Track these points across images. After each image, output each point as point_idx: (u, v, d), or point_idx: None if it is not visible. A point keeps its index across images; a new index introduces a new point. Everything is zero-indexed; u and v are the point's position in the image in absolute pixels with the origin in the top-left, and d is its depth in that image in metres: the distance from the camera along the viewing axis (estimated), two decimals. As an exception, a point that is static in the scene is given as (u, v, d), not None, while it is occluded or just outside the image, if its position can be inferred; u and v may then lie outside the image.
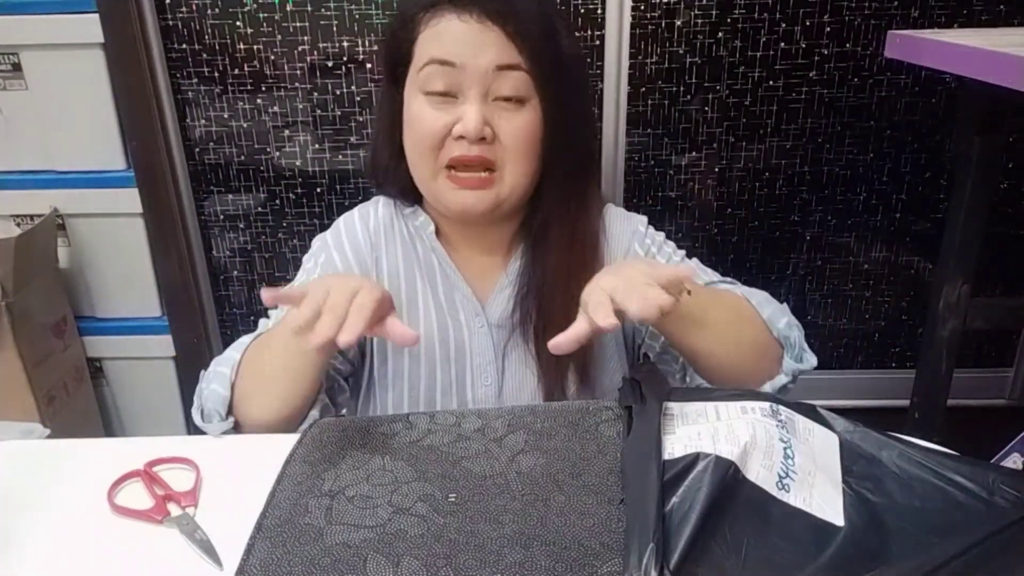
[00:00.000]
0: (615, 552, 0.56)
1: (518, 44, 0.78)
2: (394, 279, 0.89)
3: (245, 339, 0.84)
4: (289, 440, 0.72)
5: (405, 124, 0.83)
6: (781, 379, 0.80)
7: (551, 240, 0.86)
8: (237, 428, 0.79)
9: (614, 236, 0.91)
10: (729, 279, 0.92)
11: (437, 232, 0.90)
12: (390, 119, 0.87)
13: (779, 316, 0.83)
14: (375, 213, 0.92)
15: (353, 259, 0.89)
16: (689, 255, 0.97)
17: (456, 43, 0.78)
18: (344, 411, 0.93)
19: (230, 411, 0.78)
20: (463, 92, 0.79)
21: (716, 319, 0.77)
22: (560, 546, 0.56)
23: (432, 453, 0.67)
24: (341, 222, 0.93)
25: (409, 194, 0.90)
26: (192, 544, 0.63)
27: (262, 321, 0.91)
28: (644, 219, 0.95)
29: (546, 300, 0.85)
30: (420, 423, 0.71)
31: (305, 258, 0.94)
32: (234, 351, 0.82)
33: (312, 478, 0.65)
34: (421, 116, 0.80)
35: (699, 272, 0.91)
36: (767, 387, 0.80)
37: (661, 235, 0.95)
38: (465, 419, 0.72)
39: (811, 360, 0.82)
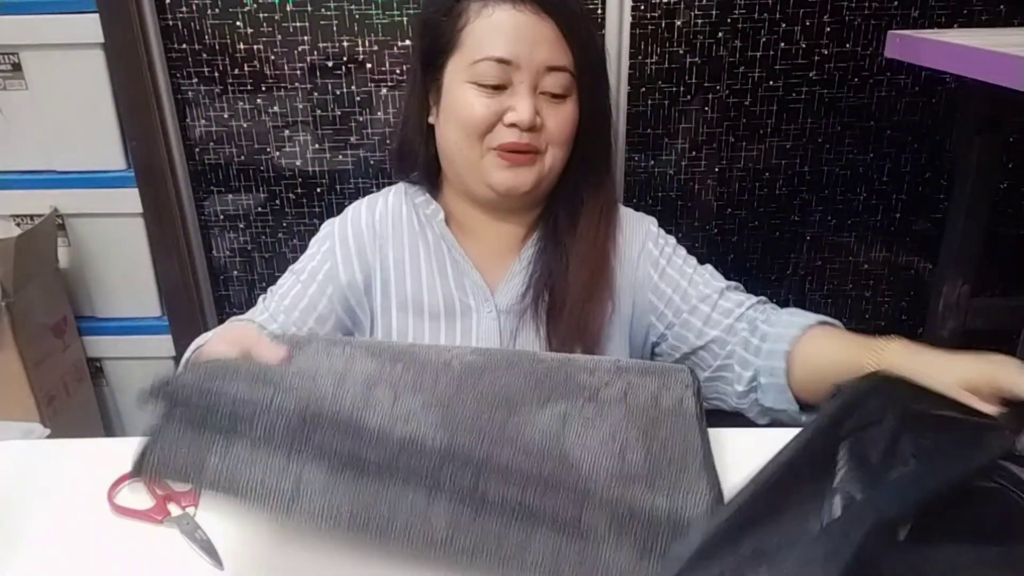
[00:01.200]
0: (533, 407, 0.63)
1: (568, 42, 0.82)
2: (400, 266, 0.91)
3: (198, 340, 0.83)
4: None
5: (446, 109, 0.85)
6: None
7: (568, 229, 0.89)
8: None
9: (627, 235, 0.93)
10: (747, 294, 0.92)
11: (448, 221, 0.91)
12: (420, 101, 0.89)
13: None
14: (384, 202, 0.94)
15: (354, 247, 0.91)
16: (690, 255, 0.98)
17: (513, 40, 0.80)
18: None
19: None
20: (513, 84, 0.82)
21: None
22: (488, 397, 0.63)
23: (386, 348, 0.69)
24: (350, 210, 0.95)
25: (431, 178, 0.92)
26: (192, 544, 0.63)
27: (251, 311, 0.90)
28: (654, 220, 0.97)
29: (559, 287, 0.87)
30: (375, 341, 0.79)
31: (313, 240, 0.96)
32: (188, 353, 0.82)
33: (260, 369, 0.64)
34: (472, 105, 0.82)
35: (711, 278, 0.92)
36: None
37: (672, 239, 0.96)
38: (419, 345, 0.75)
39: None
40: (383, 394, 0.61)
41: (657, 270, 0.92)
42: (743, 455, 0.68)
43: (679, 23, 1.47)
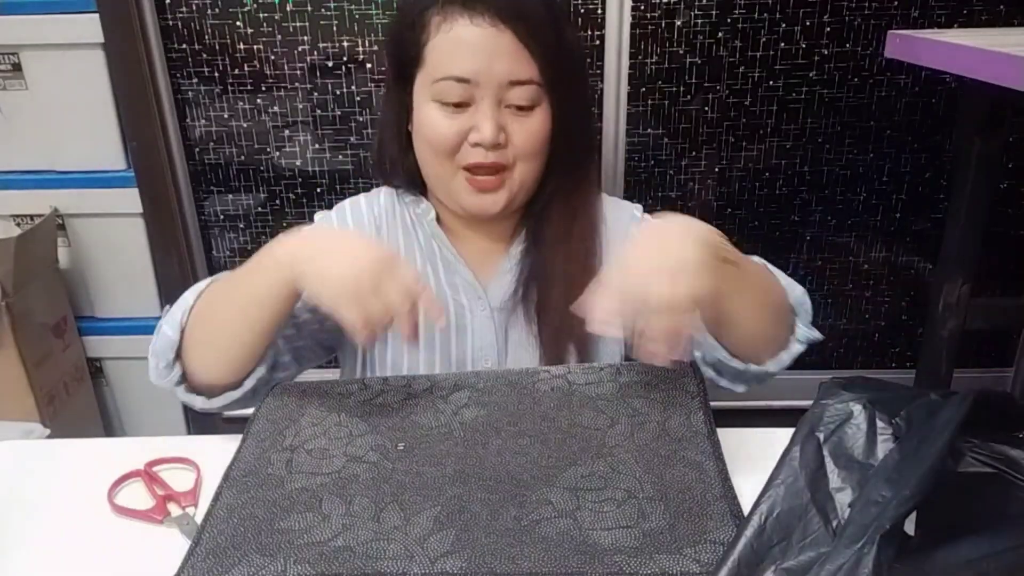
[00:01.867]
0: (542, 483, 0.63)
1: (531, 50, 0.79)
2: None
3: (202, 284, 0.81)
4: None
5: (416, 126, 0.85)
6: (796, 347, 0.79)
7: (553, 225, 0.88)
8: (185, 384, 0.77)
9: (612, 223, 0.93)
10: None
11: (439, 219, 0.91)
12: (396, 114, 0.88)
13: (792, 284, 0.83)
14: (378, 200, 0.94)
15: None
16: None
17: (471, 56, 0.78)
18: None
19: (178, 357, 0.76)
20: (476, 101, 0.80)
21: (748, 285, 0.75)
22: (495, 480, 0.63)
23: (384, 410, 0.73)
24: (347, 204, 0.94)
25: (416, 184, 0.91)
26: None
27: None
28: (639, 206, 0.97)
29: (548, 282, 0.87)
30: (374, 385, 0.77)
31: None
32: (190, 293, 0.79)
33: (274, 435, 0.71)
34: (436, 125, 0.81)
35: None
36: (784, 356, 0.79)
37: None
38: (415, 381, 0.77)
39: (819, 333, 0.82)
40: (393, 516, 0.60)
41: None
42: (747, 456, 0.68)
43: (679, 23, 1.47)
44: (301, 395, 0.76)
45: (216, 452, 0.74)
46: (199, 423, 1.74)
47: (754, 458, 0.66)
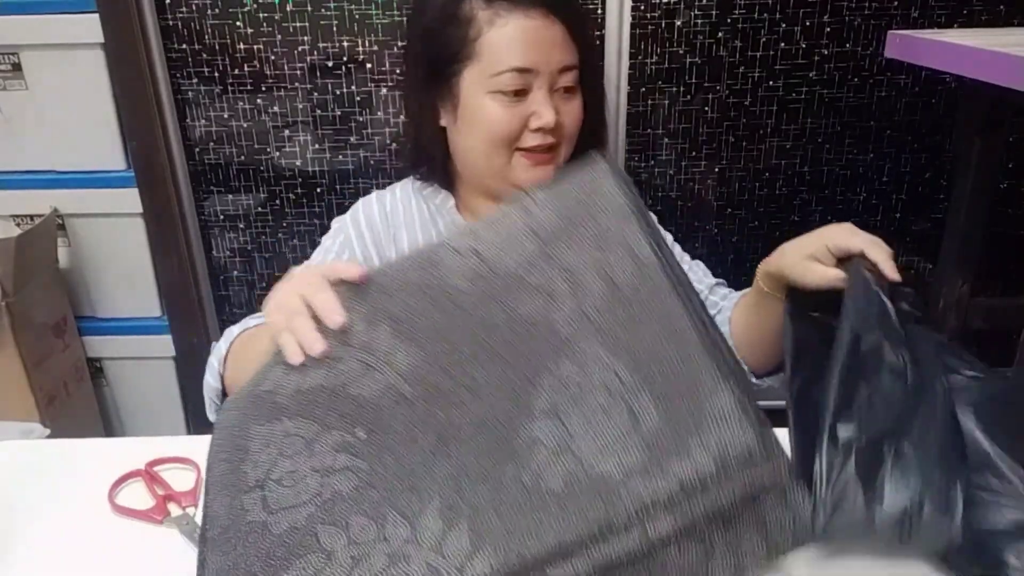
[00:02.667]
0: (521, 416, 0.55)
1: (575, 37, 0.86)
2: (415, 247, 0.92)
3: (234, 329, 0.84)
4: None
5: (467, 120, 0.87)
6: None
7: None
8: None
9: None
10: (728, 289, 1.01)
11: (459, 208, 0.95)
12: (431, 107, 0.91)
13: None
14: (393, 195, 0.97)
15: (369, 238, 0.93)
16: (689, 255, 0.99)
17: (530, 48, 0.84)
18: None
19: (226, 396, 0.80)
20: (533, 89, 0.86)
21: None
22: (475, 439, 0.55)
23: (319, 396, 0.62)
24: (360, 204, 0.97)
25: (443, 175, 0.95)
26: (192, 544, 0.63)
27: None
28: (652, 215, 0.98)
29: None
30: (293, 372, 0.64)
31: (324, 237, 0.97)
32: (223, 342, 0.84)
33: (234, 475, 0.62)
34: (497, 116, 0.86)
35: (703, 275, 1.00)
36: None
37: (669, 236, 1.01)
38: (330, 336, 0.65)
39: None
40: (399, 529, 0.54)
41: None
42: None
43: (679, 23, 1.47)
44: (239, 415, 0.66)
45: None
46: (199, 423, 1.74)
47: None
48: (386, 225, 0.94)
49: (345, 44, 1.48)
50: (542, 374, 0.56)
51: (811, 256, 0.77)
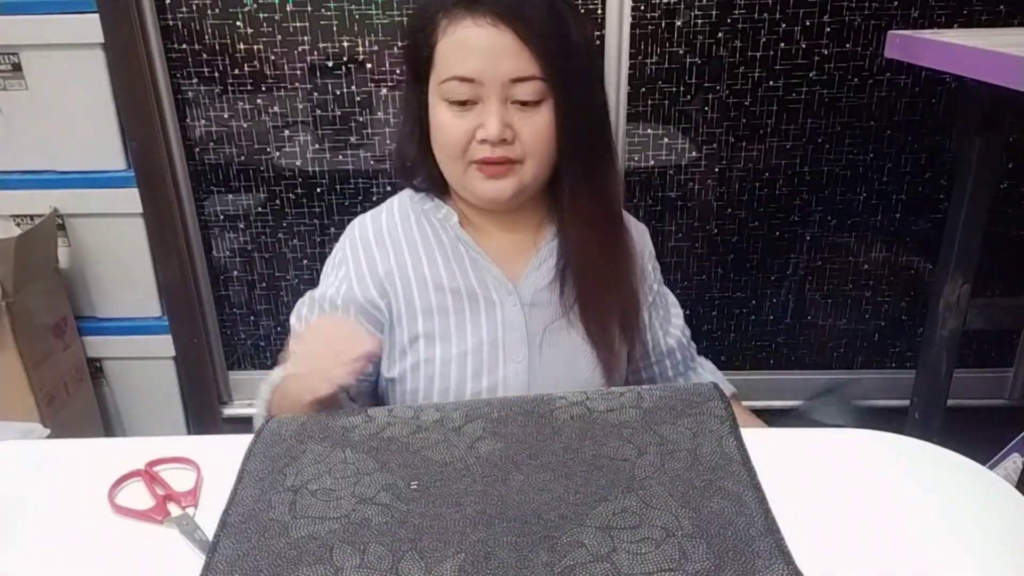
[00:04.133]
0: (572, 523, 0.59)
1: (532, 48, 0.81)
2: (419, 270, 0.92)
3: (274, 375, 0.86)
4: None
5: (432, 126, 0.87)
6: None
7: (579, 217, 0.90)
8: None
9: (635, 238, 0.98)
10: (701, 357, 1.07)
11: (462, 222, 0.93)
12: (416, 116, 0.90)
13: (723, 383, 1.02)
14: (390, 213, 0.96)
15: (366, 266, 0.92)
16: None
17: (474, 56, 0.81)
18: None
19: None
20: (483, 99, 0.83)
21: None
22: (520, 521, 0.59)
23: (392, 444, 0.69)
24: (356, 226, 0.96)
25: (437, 184, 0.93)
26: (192, 544, 0.63)
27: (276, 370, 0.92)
28: (646, 229, 1.03)
29: (581, 275, 0.90)
30: (379, 416, 0.73)
31: (327, 263, 0.97)
32: (266, 385, 0.87)
33: (274, 473, 0.66)
34: (446, 124, 0.85)
35: (683, 336, 1.04)
36: None
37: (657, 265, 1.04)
38: (423, 412, 0.73)
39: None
40: (413, 567, 0.55)
41: (652, 294, 1.01)
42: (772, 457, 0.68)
43: (679, 23, 1.47)
44: (300, 429, 0.72)
45: (217, 452, 0.74)
46: (199, 423, 1.74)
47: (752, 457, 0.66)
48: (384, 249, 0.92)
49: (345, 44, 1.48)
50: (608, 500, 0.61)
51: None
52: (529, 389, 0.89)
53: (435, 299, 0.90)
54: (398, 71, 1.50)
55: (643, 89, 1.51)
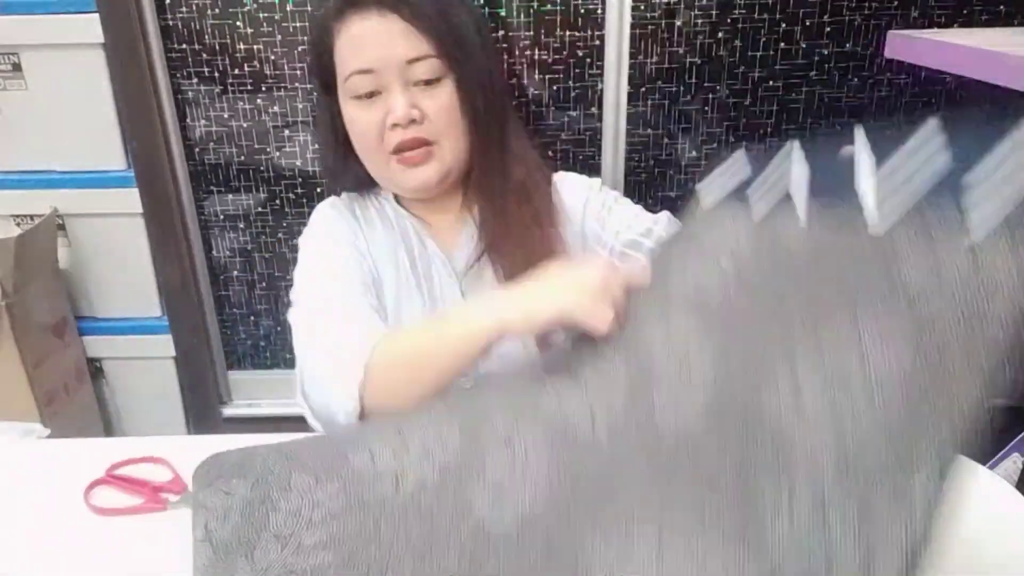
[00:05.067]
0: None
1: (419, 28, 0.85)
2: (377, 241, 0.94)
3: (354, 343, 0.76)
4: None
5: (347, 128, 0.90)
6: None
7: (495, 189, 0.93)
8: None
9: (569, 196, 0.98)
10: None
11: (399, 201, 0.97)
12: (330, 125, 0.93)
13: None
14: (343, 200, 0.98)
15: (352, 229, 0.94)
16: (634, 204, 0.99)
17: (367, 47, 0.85)
18: None
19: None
20: (386, 87, 0.86)
21: None
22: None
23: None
24: (327, 206, 0.97)
25: (365, 184, 0.96)
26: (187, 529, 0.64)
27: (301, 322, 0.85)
28: (598, 180, 1.02)
29: (502, 245, 0.92)
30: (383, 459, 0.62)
31: (307, 234, 0.94)
32: (358, 362, 0.75)
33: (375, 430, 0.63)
34: (358, 119, 0.88)
35: (671, 222, 0.96)
36: None
37: (615, 193, 1.00)
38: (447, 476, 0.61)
39: None
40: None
41: (599, 220, 0.97)
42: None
43: (679, 23, 1.47)
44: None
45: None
46: (199, 423, 1.74)
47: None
48: (356, 221, 0.95)
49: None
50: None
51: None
52: None
53: (394, 275, 0.93)
54: (398, 71, 1.50)
55: (643, 89, 1.51)
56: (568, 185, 1.00)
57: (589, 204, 0.97)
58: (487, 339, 0.70)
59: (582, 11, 1.44)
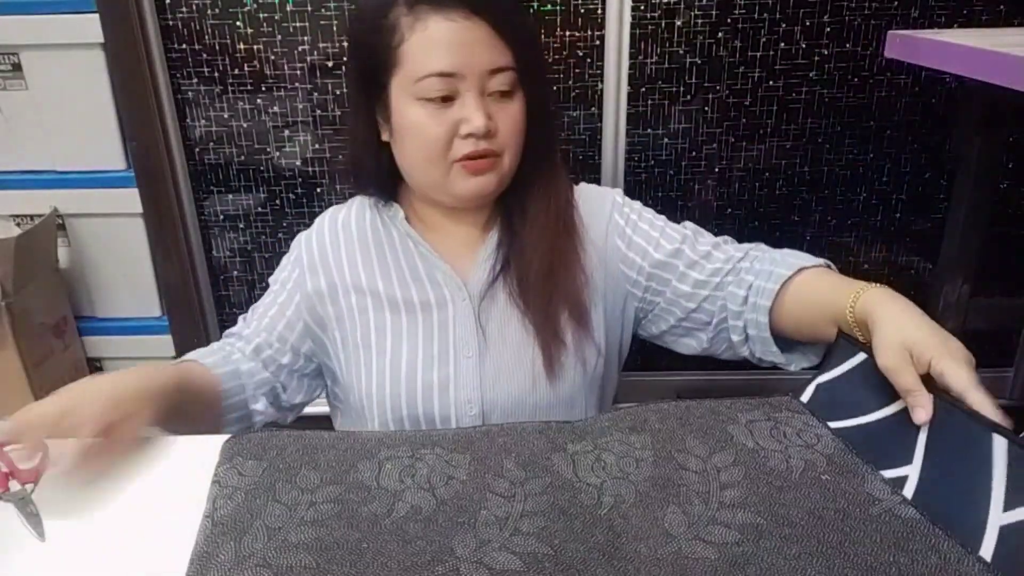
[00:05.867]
0: None
1: (505, 37, 0.81)
2: (369, 267, 0.92)
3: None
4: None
5: (401, 129, 0.85)
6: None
7: (527, 209, 0.91)
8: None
9: (589, 212, 0.95)
10: (736, 245, 0.95)
11: (410, 220, 0.93)
12: (368, 125, 0.89)
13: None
14: (348, 210, 0.97)
15: (318, 256, 0.94)
16: (659, 215, 0.98)
17: (450, 51, 0.80)
18: (292, 416, 0.98)
19: None
20: (461, 94, 0.82)
21: None
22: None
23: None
24: (315, 222, 0.98)
25: (386, 190, 0.94)
26: (23, 518, 0.65)
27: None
28: (619, 191, 0.99)
29: (526, 268, 0.89)
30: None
31: (284, 259, 0.99)
32: None
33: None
34: (425, 125, 0.83)
35: (698, 236, 0.95)
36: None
37: (638, 203, 0.98)
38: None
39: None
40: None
41: (624, 240, 0.95)
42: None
43: (679, 23, 1.47)
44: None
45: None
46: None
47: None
48: (336, 242, 0.93)
49: (345, 44, 1.48)
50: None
51: (908, 349, 0.65)
52: (480, 382, 0.88)
53: (386, 297, 0.91)
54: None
55: (643, 89, 1.51)
56: (588, 198, 0.96)
57: (613, 223, 0.95)
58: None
59: (582, 11, 1.44)
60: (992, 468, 0.55)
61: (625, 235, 0.94)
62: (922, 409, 0.62)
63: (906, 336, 0.65)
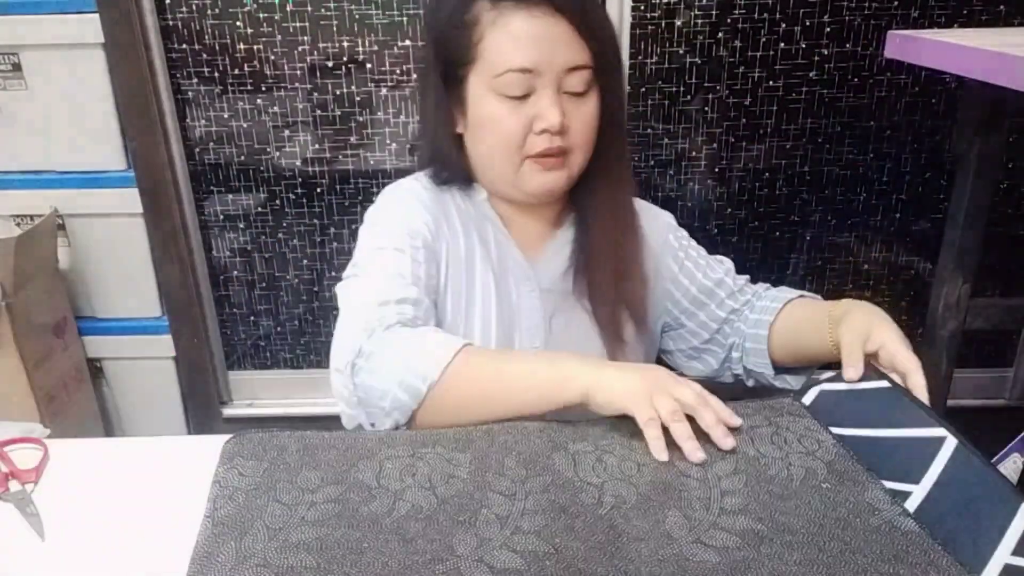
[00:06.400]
0: None
1: (585, 36, 0.82)
2: (456, 238, 0.90)
3: (431, 341, 0.75)
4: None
5: (477, 122, 0.85)
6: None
7: (599, 210, 0.91)
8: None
9: (647, 225, 0.97)
10: (782, 288, 0.99)
11: (489, 201, 0.93)
12: (446, 113, 0.88)
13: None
14: (422, 184, 0.93)
15: (431, 219, 0.88)
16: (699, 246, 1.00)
17: (532, 47, 0.80)
18: None
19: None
20: (537, 90, 0.82)
21: None
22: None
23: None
24: (404, 189, 0.92)
25: (464, 179, 0.92)
26: (24, 518, 0.65)
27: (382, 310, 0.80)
28: (670, 214, 1.02)
29: (597, 264, 0.91)
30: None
31: (372, 217, 0.91)
32: (421, 360, 0.73)
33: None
34: (501, 119, 0.83)
35: (730, 279, 0.99)
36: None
37: (684, 232, 1.02)
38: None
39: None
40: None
41: (677, 262, 0.98)
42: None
43: (679, 23, 1.47)
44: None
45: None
46: (199, 423, 1.74)
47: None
48: (435, 206, 0.90)
49: (345, 44, 1.48)
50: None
51: (863, 345, 0.76)
52: None
53: (466, 272, 0.89)
54: (398, 71, 1.50)
55: (643, 89, 1.51)
56: (644, 211, 0.98)
57: (668, 243, 0.98)
58: (567, 400, 0.70)
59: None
60: (1010, 526, 0.56)
61: (678, 258, 0.98)
62: (852, 368, 0.74)
63: (870, 322, 0.77)
